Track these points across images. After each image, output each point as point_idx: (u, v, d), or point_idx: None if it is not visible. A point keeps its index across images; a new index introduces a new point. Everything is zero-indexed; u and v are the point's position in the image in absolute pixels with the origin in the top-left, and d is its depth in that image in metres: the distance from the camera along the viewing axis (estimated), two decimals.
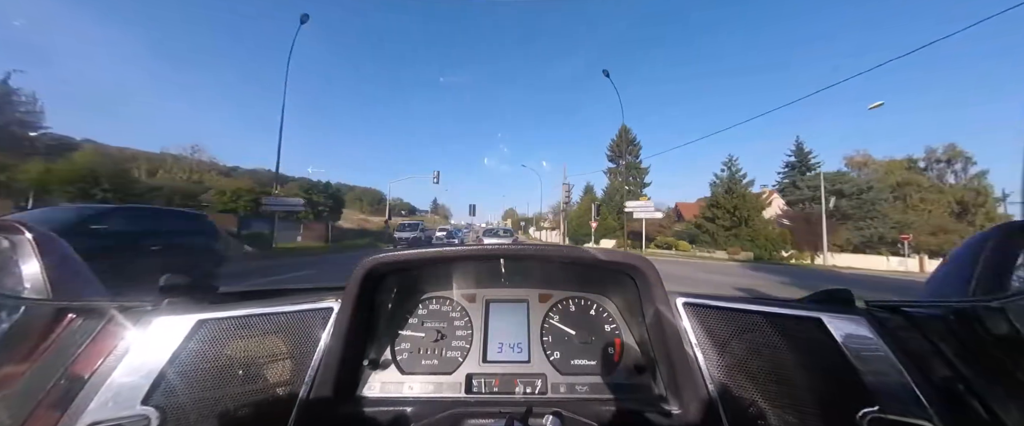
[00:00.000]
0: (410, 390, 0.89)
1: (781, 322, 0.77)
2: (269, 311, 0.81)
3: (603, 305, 1.04)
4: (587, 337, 0.97)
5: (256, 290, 1.08)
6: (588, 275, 1.04)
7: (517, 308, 1.04)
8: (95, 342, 0.70)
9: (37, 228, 0.74)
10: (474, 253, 0.93)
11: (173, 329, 0.74)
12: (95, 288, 0.79)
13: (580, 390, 0.90)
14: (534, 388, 0.90)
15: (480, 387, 0.90)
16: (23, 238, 0.71)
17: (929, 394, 0.62)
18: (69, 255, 0.78)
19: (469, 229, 65.76)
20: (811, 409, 0.67)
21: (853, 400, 0.65)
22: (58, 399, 0.63)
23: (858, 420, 0.63)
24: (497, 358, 0.96)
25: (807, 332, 0.74)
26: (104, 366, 0.68)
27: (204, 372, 0.72)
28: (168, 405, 0.67)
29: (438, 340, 0.98)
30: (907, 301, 0.74)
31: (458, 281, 1.06)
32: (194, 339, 0.74)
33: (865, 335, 0.70)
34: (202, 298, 0.87)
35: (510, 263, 0.98)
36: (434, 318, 1.03)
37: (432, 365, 0.95)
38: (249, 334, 0.79)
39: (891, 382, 0.65)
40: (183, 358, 0.72)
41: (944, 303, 0.70)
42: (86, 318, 0.72)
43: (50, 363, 0.66)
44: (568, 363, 0.95)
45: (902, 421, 0.61)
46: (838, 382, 0.68)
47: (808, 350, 0.73)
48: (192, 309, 0.78)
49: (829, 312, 0.75)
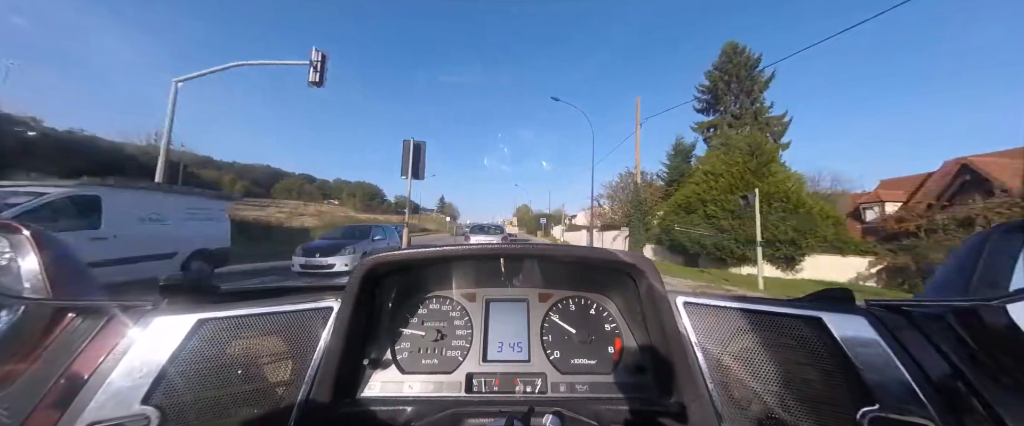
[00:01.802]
0: (410, 389, 0.89)
1: (781, 321, 0.77)
2: (269, 311, 0.81)
3: (603, 305, 1.04)
4: (587, 336, 0.97)
5: (256, 289, 1.08)
6: (588, 275, 1.04)
7: (517, 307, 1.04)
8: (95, 342, 0.70)
9: (37, 227, 0.73)
10: (474, 252, 0.93)
11: (173, 329, 0.74)
12: (95, 288, 0.79)
13: (580, 389, 0.90)
14: (534, 387, 0.90)
15: (480, 386, 0.90)
16: (22, 237, 0.70)
17: (929, 393, 0.62)
18: (69, 254, 0.78)
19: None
20: (811, 408, 0.68)
21: (853, 399, 0.65)
22: (58, 399, 0.63)
23: (858, 419, 0.63)
24: (497, 357, 0.96)
25: (807, 331, 0.74)
26: (104, 366, 0.68)
27: (204, 372, 0.72)
28: (168, 405, 0.67)
29: (438, 339, 0.98)
30: (907, 301, 0.74)
31: (458, 280, 1.06)
32: (194, 339, 0.74)
33: (865, 334, 0.70)
34: (202, 298, 0.87)
35: (510, 262, 0.98)
36: (434, 317, 1.03)
37: (432, 364, 0.95)
38: (249, 334, 0.79)
39: (891, 381, 0.65)
40: (183, 358, 0.72)
41: (944, 303, 0.70)
42: (86, 318, 0.72)
43: (50, 363, 0.66)
44: (568, 362, 0.95)
45: (902, 420, 0.61)
46: (838, 381, 0.68)
47: (808, 349, 0.73)
48: (192, 309, 0.78)
49: (829, 311, 0.75)
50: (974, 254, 0.70)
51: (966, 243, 0.75)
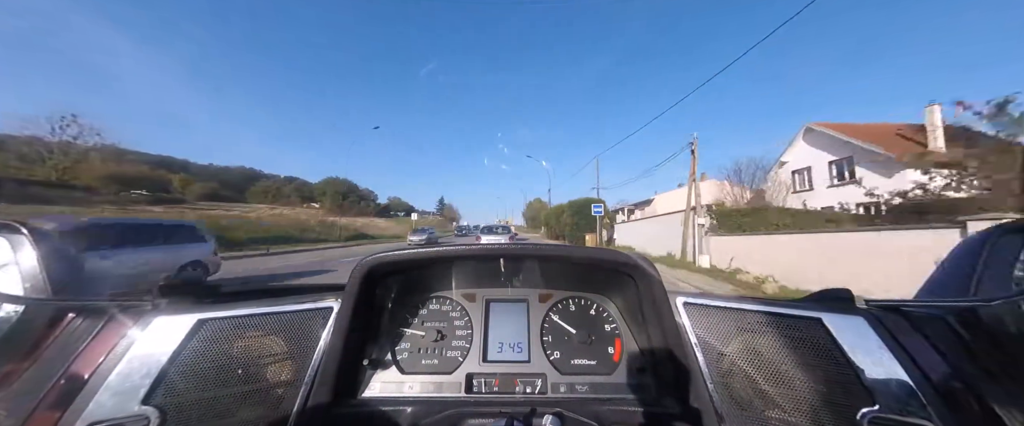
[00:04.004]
0: (410, 390, 0.89)
1: (781, 322, 0.77)
2: (269, 311, 0.81)
3: (603, 305, 1.04)
4: (587, 337, 0.97)
5: (257, 289, 1.08)
6: (588, 275, 1.03)
7: (517, 308, 1.04)
8: (95, 341, 0.70)
9: (36, 227, 0.73)
10: (474, 253, 0.93)
11: (173, 328, 0.74)
12: (95, 288, 0.79)
13: (580, 390, 0.90)
14: (534, 388, 0.90)
15: (480, 387, 0.90)
16: (23, 237, 0.70)
17: (929, 394, 0.62)
18: (69, 254, 0.78)
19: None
20: (811, 409, 0.67)
21: (853, 400, 0.65)
22: (58, 398, 0.63)
23: (858, 420, 0.63)
24: (497, 358, 0.96)
25: (807, 332, 0.74)
26: (104, 365, 0.68)
27: (204, 372, 0.72)
28: (168, 405, 0.67)
29: (438, 340, 0.98)
30: (907, 301, 0.74)
31: (458, 281, 1.06)
32: (194, 339, 0.74)
33: (865, 335, 0.70)
34: (202, 297, 0.87)
35: (510, 263, 0.98)
36: (434, 318, 1.03)
37: (432, 365, 0.95)
38: (249, 334, 0.79)
39: (891, 382, 0.65)
40: (183, 358, 0.72)
41: (944, 303, 0.70)
42: (86, 317, 0.72)
43: (50, 363, 0.66)
44: (568, 363, 0.95)
45: (902, 421, 0.61)
46: (838, 382, 0.68)
47: (808, 350, 0.73)
48: (192, 308, 0.78)
49: (829, 312, 0.75)
50: (974, 254, 0.70)
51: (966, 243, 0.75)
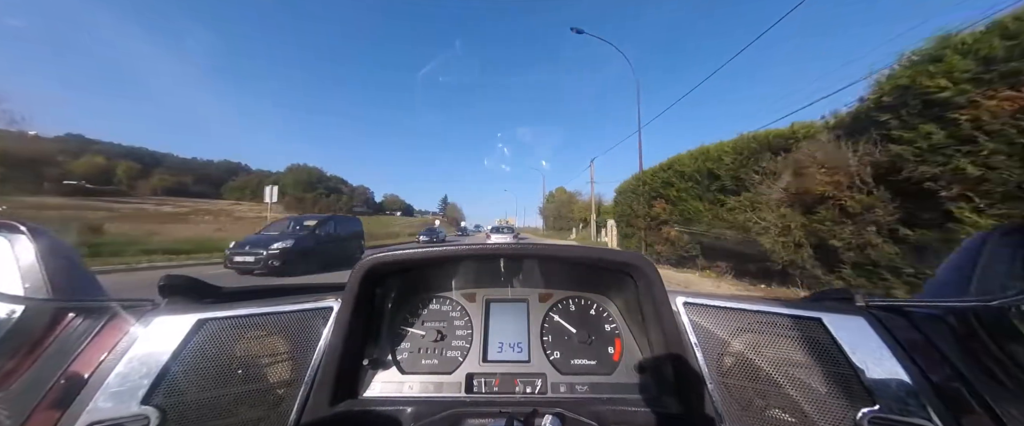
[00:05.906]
0: (410, 390, 0.89)
1: (781, 322, 0.77)
2: (270, 311, 0.81)
3: (603, 305, 1.04)
4: (587, 337, 0.97)
5: (257, 289, 1.08)
6: (588, 275, 1.03)
7: (517, 308, 1.04)
8: (95, 341, 0.70)
9: (36, 227, 0.73)
10: (474, 252, 0.93)
11: (174, 328, 0.74)
12: (95, 287, 0.79)
13: (580, 390, 0.90)
14: (534, 388, 0.90)
15: (480, 387, 0.90)
16: (22, 237, 0.70)
17: (929, 394, 0.62)
18: (69, 254, 0.78)
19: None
20: (811, 409, 0.68)
21: (853, 400, 0.65)
22: (58, 398, 0.63)
23: (858, 420, 0.63)
24: (497, 358, 0.96)
25: (807, 332, 0.74)
26: (104, 365, 0.68)
27: (204, 371, 0.72)
28: (168, 404, 0.67)
29: (438, 340, 0.98)
30: (907, 301, 0.74)
31: (458, 281, 1.06)
32: (195, 338, 0.74)
33: (865, 335, 0.70)
34: (203, 297, 0.87)
35: (510, 263, 0.98)
36: (434, 318, 1.03)
37: (432, 365, 0.95)
38: (250, 334, 0.79)
39: (891, 382, 0.65)
40: (183, 357, 0.72)
41: (944, 303, 0.70)
42: (86, 317, 0.72)
43: (50, 362, 0.66)
44: (568, 363, 0.95)
45: (902, 421, 0.61)
46: (838, 382, 0.68)
47: (808, 350, 0.73)
48: (193, 308, 0.78)
49: (829, 312, 0.75)
50: (974, 254, 0.70)
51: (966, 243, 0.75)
